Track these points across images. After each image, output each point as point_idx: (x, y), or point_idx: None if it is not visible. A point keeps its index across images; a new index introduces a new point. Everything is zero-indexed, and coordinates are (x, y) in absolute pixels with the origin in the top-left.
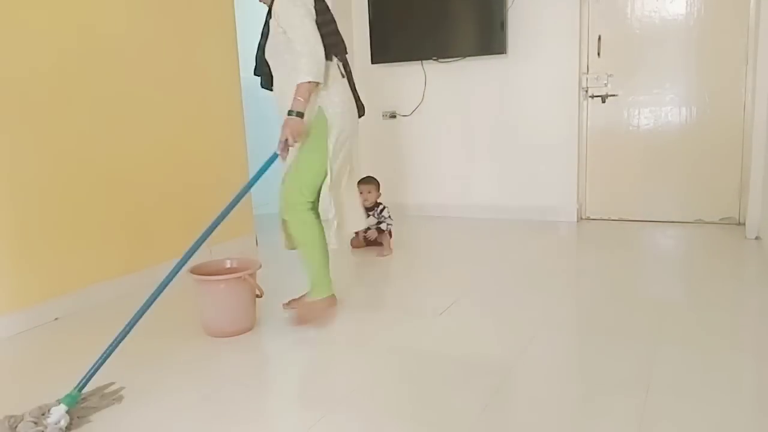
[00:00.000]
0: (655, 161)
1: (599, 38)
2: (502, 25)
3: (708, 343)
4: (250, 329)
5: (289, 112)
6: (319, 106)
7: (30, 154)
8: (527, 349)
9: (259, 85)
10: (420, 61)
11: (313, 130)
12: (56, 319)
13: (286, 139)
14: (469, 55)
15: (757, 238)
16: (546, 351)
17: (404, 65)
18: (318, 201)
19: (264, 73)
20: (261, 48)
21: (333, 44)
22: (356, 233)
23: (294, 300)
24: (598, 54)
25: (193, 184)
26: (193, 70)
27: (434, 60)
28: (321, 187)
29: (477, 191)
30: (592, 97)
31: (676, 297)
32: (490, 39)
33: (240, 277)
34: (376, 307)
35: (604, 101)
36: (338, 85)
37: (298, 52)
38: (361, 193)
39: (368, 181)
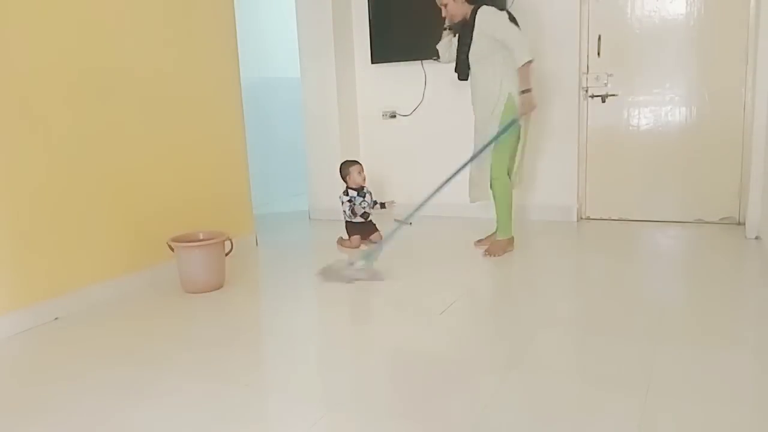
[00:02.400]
0: (655, 161)
1: (599, 38)
2: None
3: (708, 343)
4: (220, 287)
5: (522, 91)
6: (509, 93)
7: (30, 154)
8: (527, 349)
9: (458, 79)
10: (420, 61)
11: (508, 113)
12: (56, 319)
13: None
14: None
15: (757, 238)
16: (546, 351)
17: (404, 65)
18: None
19: (463, 71)
20: (459, 52)
21: None
22: (351, 236)
23: (483, 240)
24: (598, 54)
25: (194, 183)
26: (193, 70)
27: (434, 59)
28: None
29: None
30: (592, 96)
31: (676, 297)
32: None
33: (211, 243)
34: (377, 306)
35: (604, 101)
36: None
37: (511, 46)
38: (359, 173)
39: (357, 162)
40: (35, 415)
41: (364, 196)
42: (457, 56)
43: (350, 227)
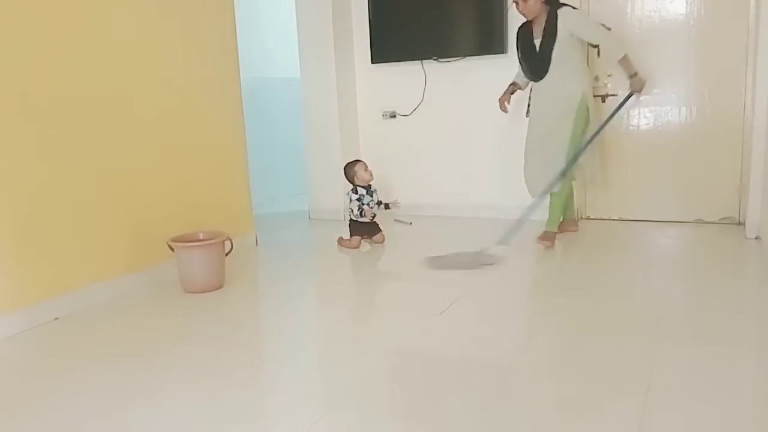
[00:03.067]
0: (655, 161)
1: None
2: (502, 25)
3: (708, 343)
4: (220, 287)
5: (632, 75)
6: (583, 93)
7: (30, 154)
8: (527, 349)
9: (531, 79)
10: (420, 61)
11: (582, 111)
12: (56, 319)
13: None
14: (469, 55)
15: (757, 237)
16: (546, 351)
17: (404, 65)
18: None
19: (544, 70)
20: (543, 51)
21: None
22: (354, 237)
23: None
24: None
25: (194, 183)
26: (193, 70)
27: (434, 60)
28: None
29: (477, 191)
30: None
31: (676, 297)
32: (490, 39)
33: (211, 243)
34: (376, 307)
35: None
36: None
37: (605, 44)
38: (366, 169)
39: (360, 160)
40: (35, 414)
41: (372, 195)
42: (532, 57)
43: (354, 226)
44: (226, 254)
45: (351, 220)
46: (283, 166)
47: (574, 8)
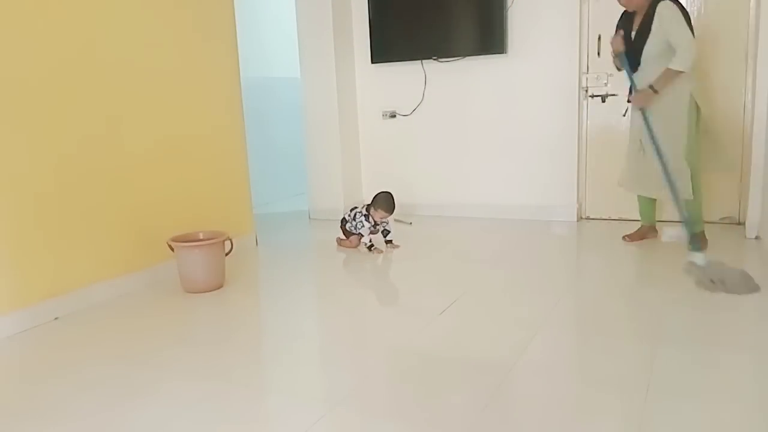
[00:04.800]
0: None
1: (599, 38)
2: (502, 25)
3: (708, 343)
4: (220, 287)
5: (651, 86)
6: (690, 92)
7: (30, 154)
8: (527, 349)
9: (627, 72)
10: (420, 61)
11: (692, 110)
12: (56, 319)
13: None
14: (469, 55)
15: (757, 237)
16: (546, 351)
17: (404, 65)
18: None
19: (634, 62)
20: (636, 45)
21: None
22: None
23: (629, 234)
24: (598, 53)
25: (194, 183)
26: (193, 70)
27: (434, 60)
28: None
29: (477, 191)
30: (592, 96)
31: (676, 297)
32: (490, 39)
33: (211, 243)
34: (377, 306)
35: (604, 101)
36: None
37: (677, 48)
38: (383, 218)
39: (392, 210)
40: (35, 414)
41: (375, 232)
42: (626, 47)
43: (347, 231)
44: (226, 254)
45: (346, 228)
46: (283, 166)
47: (677, 3)
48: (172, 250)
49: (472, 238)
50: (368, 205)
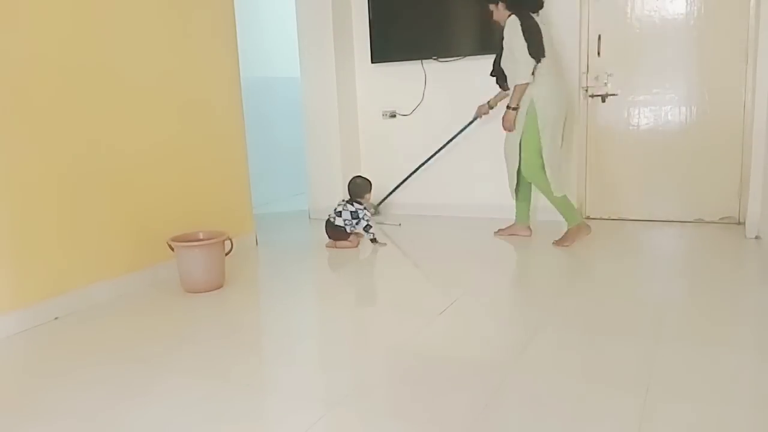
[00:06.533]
0: (655, 161)
1: (599, 38)
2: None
3: (708, 343)
4: (220, 287)
5: (509, 107)
6: (531, 98)
7: (30, 153)
8: (527, 349)
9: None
10: (420, 61)
11: (530, 118)
12: (56, 318)
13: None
14: (469, 55)
15: (756, 237)
16: (546, 351)
17: (404, 65)
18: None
19: (499, 78)
20: (497, 61)
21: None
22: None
23: (503, 229)
24: (598, 53)
25: (194, 183)
26: (193, 70)
27: (434, 59)
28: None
29: (477, 191)
30: (592, 96)
31: (676, 296)
32: (490, 39)
33: (211, 243)
34: (376, 306)
35: (604, 101)
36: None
37: (516, 62)
38: (369, 194)
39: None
40: (35, 414)
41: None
42: (493, 63)
43: (333, 231)
44: (226, 254)
45: (333, 225)
46: (283, 166)
47: (517, 16)
48: (172, 249)
49: (472, 237)
50: (351, 198)
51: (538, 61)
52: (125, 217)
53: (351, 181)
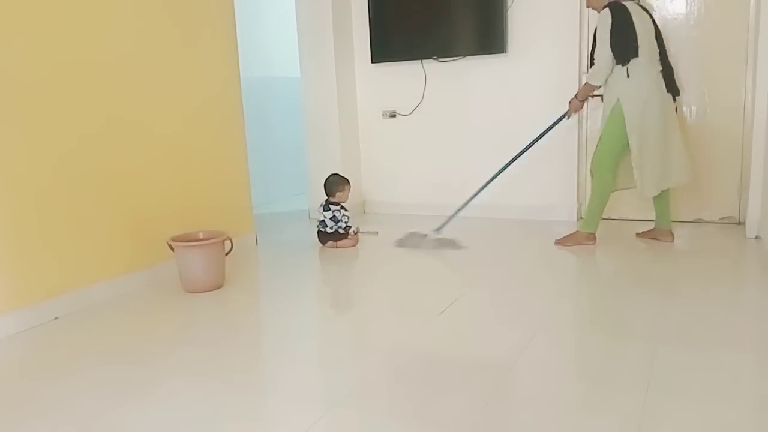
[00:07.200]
0: None
1: None
2: (502, 25)
3: (708, 343)
4: (220, 287)
5: (576, 96)
6: (618, 98)
7: (29, 154)
8: (527, 349)
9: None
10: (420, 61)
11: (616, 116)
12: (56, 318)
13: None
14: (469, 55)
15: (757, 237)
16: (546, 351)
17: (404, 65)
18: (617, 166)
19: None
20: (591, 51)
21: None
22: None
23: (646, 231)
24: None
25: (194, 183)
26: (193, 70)
27: (434, 59)
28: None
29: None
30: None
31: (676, 296)
32: (490, 38)
33: (211, 243)
34: (376, 306)
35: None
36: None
37: (596, 59)
38: (343, 192)
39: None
40: (35, 414)
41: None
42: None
43: (324, 236)
44: (226, 254)
45: (326, 233)
46: (283, 166)
47: (611, 8)
48: (172, 249)
49: (472, 237)
50: (327, 199)
51: (624, 62)
52: (125, 217)
53: (326, 179)
